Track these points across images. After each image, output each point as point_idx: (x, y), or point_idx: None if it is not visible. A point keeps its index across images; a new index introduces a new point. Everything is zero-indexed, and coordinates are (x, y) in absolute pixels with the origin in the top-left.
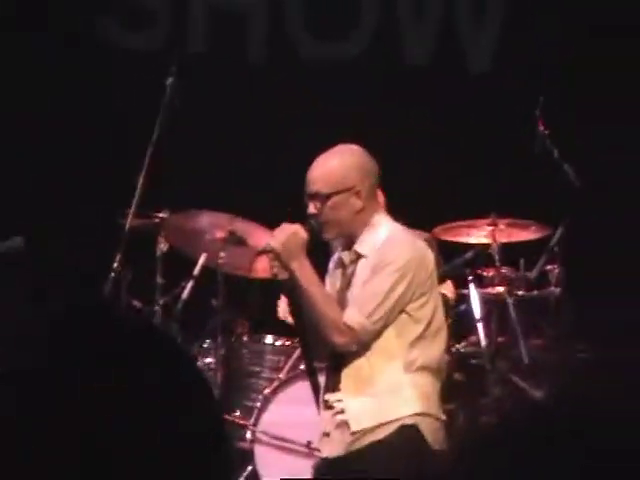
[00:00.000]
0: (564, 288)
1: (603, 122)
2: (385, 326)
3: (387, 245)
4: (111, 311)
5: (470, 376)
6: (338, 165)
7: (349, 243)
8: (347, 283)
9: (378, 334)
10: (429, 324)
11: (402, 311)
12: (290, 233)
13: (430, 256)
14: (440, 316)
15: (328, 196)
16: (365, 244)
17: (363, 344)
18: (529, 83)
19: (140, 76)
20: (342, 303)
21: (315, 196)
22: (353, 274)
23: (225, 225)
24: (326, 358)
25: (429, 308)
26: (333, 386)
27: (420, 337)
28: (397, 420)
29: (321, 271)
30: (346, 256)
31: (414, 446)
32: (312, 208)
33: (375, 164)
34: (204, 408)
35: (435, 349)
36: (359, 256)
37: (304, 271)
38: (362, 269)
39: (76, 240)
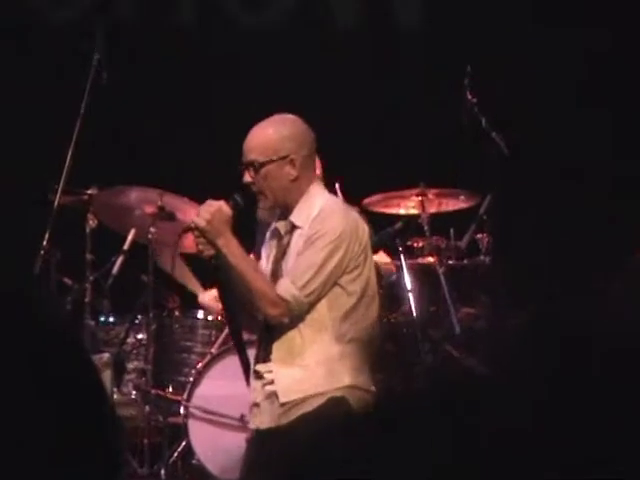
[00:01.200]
0: (493, 256)
1: (530, 90)
2: (318, 298)
3: (321, 216)
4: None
5: (402, 346)
6: (273, 134)
7: (285, 213)
8: (282, 253)
9: (311, 305)
10: (362, 296)
11: (335, 283)
12: (214, 210)
13: (364, 228)
14: (373, 288)
15: (262, 164)
16: (300, 215)
17: (296, 316)
18: (457, 50)
19: (66, 47)
20: (276, 274)
21: (250, 165)
22: (288, 245)
23: (154, 200)
24: (257, 330)
25: (362, 280)
26: (264, 357)
27: (352, 309)
28: (325, 393)
29: (246, 245)
30: (282, 226)
31: (341, 418)
32: (247, 177)
33: (311, 134)
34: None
35: (367, 321)
36: (294, 227)
37: (231, 247)
38: (296, 240)
39: (3, 217)
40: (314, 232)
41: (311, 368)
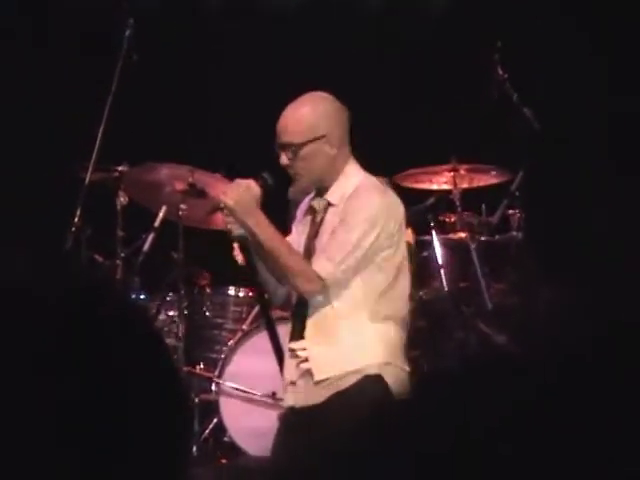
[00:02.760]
0: (525, 232)
1: (562, 65)
2: (353, 276)
3: (357, 194)
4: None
5: (433, 322)
6: (308, 113)
7: (321, 191)
8: (316, 231)
9: (345, 283)
10: (396, 274)
11: (370, 261)
12: (243, 189)
13: (400, 206)
14: (405, 266)
15: (300, 146)
16: (336, 193)
17: (330, 293)
18: (487, 26)
19: (98, 27)
20: (310, 251)
21: (286, 146)
22: (322, 222)
23: (185, 177)
24: (290, 307)
25: (397, 258)
26: (298, 334)
27: (387, 287)
28: (361, 370)
29: (278, 223)
30: (317, 204)
31: (378, 395)
32: (284, 159)
33: (345, 111)
34: (158, 363)
35: (401, 298)
36: (329, 204)
37: (261, 226)
38: (331, 218)
39: (36, 195)
40: (350, 209)
41: (345, 345)
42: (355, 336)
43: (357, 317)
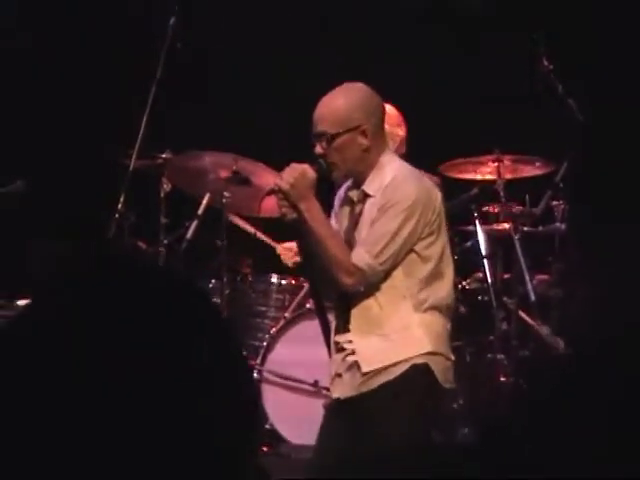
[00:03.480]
0: (569, 224)
1: (607, 57)
2: (394, 266)
3: (394, 185)
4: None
5: (476, 313)
6: (343, 104)
7: (358, 182)
8: (354, 223)
9: (387, 274)
10: (438, 263)
11: (410, 250)
12: (298, 173)
13: (437, 195)
14: (448, 255)
15: (334, 136)
16: (373, 184)
17: (371, 284)
18: (532, 19)
19: (142, 16)
20: (349, 242)
21: (321, 136)
22: (360, 214)
23: (229, 165)
24: (335, 298)
25: (438, 247)
26: (343, 327)
27: (429, 276)
28: (407, 360)
29: (328, 210)
30: (354, 195)
31: (425, 384)
32: (319, 148)
33: (380, 102)
34: (220, 344)
35: (444, 288)
36: (367, 195)
37: (313, 212)
38: (369, 209)
39: (79, 182)
40: (387, 200)
41: (391, 337)
42: (400, 327)
43: (401, 308)
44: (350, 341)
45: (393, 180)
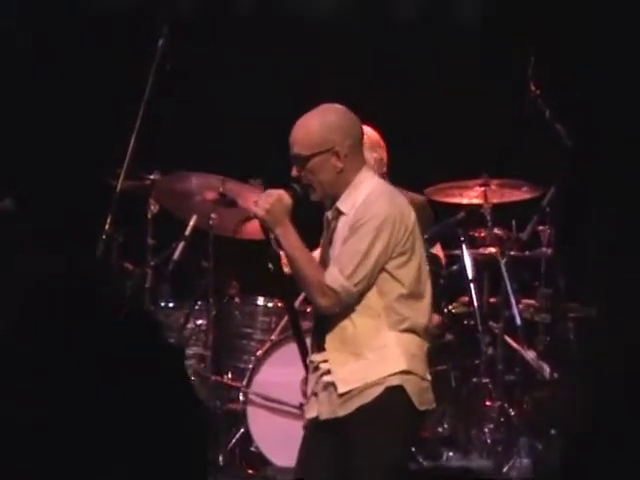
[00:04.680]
0: (555, 248)
1: (595, 82)
2: (368, 286)
3: (366, 203)
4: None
5: (462, 337)
6: (317, 126)
7: (334, 201)
8: (329, 240)
9: (361, 294)
10: (413, 284)
11: (383, 269)
12: (274, 199)
13: (411, 213)
14: (425, 277)
15: (308, 158)
16: (346, 202)
17: (347, 305)
18: (520, 43)
19: (131, 37)
20: (325, 261)
21: (296, 158)
22: (334, 231)
23: (216, 186)
24: (313, 319)
25: (412, 267)
26: (318, 346)
27: (404, 297)
28: (383, 379)
29: (308, 233)
30: (329, 214)
31: (400, 406)
32: (295, 171)
33: (357, 123)
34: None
35: (421, 310)
36: (340, 213)
37: (288, 236)
38: (342, 227)
39: (67, 202)
40: (358, 219)
41: (365, 356)
42: (376, 346)
43: (376, 327)
44: (326, 360)
45: (366, 198)
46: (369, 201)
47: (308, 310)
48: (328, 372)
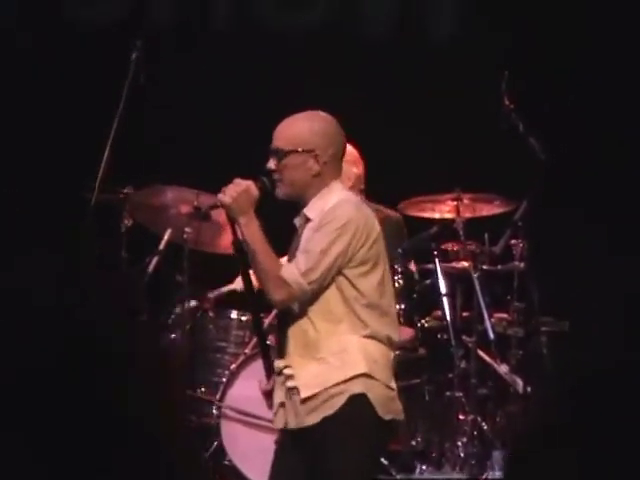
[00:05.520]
0: (528, 262)
1: (569, 96)
2: (325, 287)
3: (332, 208)
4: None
5: (435, 351)
6: (304, 126)
7: (302, 206)
8: (296, 246)
9: (322, 298)
10: (373, 296)
11: (342, 274)
12: (242, 189)
13: (375, 224)
14: (389, 294)
15: (286, 153)
16: (314, 208)
17: (306, 307)
18: (493, 56)
19: (105, 50)
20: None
21: (275, 152)
22: (300, 237)
23: (190, 200)
24: (276, 324)
25: (374, 279)
26: (282, 352)
27: (365, 306)
28: (344, 384)
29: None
30: (297, 220)
31: (364, 416)
32: (271, 163)
33: (343, 138)
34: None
35: (382, 318)
36: (307, 220)
37: (250, 227)
38: (307, 232)
39: (40, 215)
40: (322, 222)
41: (327, 360)
42: (337, 350)
43: (338, 332)
44: (288, 366)
45: (333, 205)
46: (335, 207)
47: None
48: (291, 377)
